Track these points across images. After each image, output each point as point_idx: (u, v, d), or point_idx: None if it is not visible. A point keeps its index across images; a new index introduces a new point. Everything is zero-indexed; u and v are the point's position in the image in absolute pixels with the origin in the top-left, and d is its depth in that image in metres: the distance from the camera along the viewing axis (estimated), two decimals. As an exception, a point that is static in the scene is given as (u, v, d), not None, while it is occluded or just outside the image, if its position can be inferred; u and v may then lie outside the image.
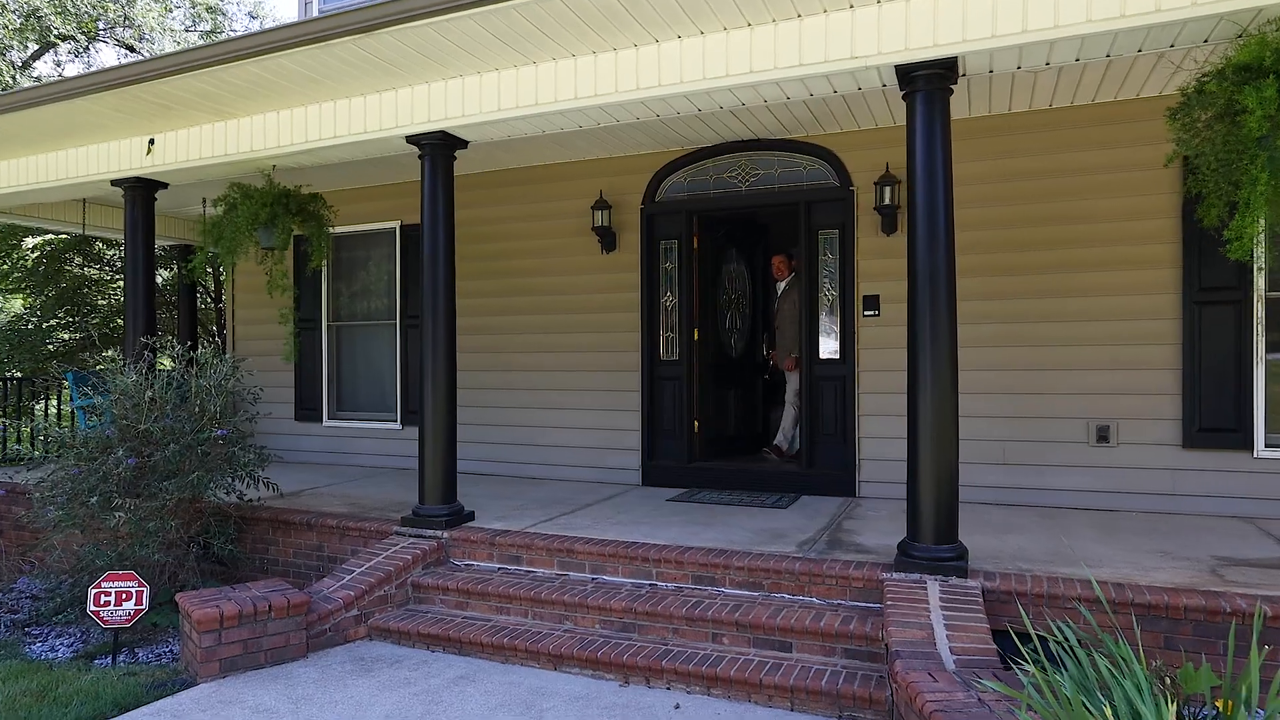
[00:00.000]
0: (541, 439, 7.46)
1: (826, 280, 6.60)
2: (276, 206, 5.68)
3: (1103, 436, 5.75)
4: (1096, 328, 5.76)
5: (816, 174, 6.56)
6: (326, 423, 8.53)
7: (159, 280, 12.47)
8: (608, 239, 7.15)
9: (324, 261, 6.25)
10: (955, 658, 3.40)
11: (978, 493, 5.90)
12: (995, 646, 3.51)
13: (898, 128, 6.21)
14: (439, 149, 5.38)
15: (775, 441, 7.33)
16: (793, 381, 7.20)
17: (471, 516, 5.56)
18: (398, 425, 8.11)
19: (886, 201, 6.14)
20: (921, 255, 4.19)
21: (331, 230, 6.49)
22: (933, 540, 4.17)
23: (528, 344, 7.54)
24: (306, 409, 8.64)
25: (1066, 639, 3.00)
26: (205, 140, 6.03)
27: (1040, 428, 5.88)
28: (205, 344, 12.99)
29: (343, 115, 5.55)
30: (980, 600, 3.85)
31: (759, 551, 4.63)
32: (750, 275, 7.90)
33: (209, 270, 11.89)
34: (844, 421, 6.48)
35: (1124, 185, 5.68)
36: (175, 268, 10.75)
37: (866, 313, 6.38)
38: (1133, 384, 5.68)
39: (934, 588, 3.98)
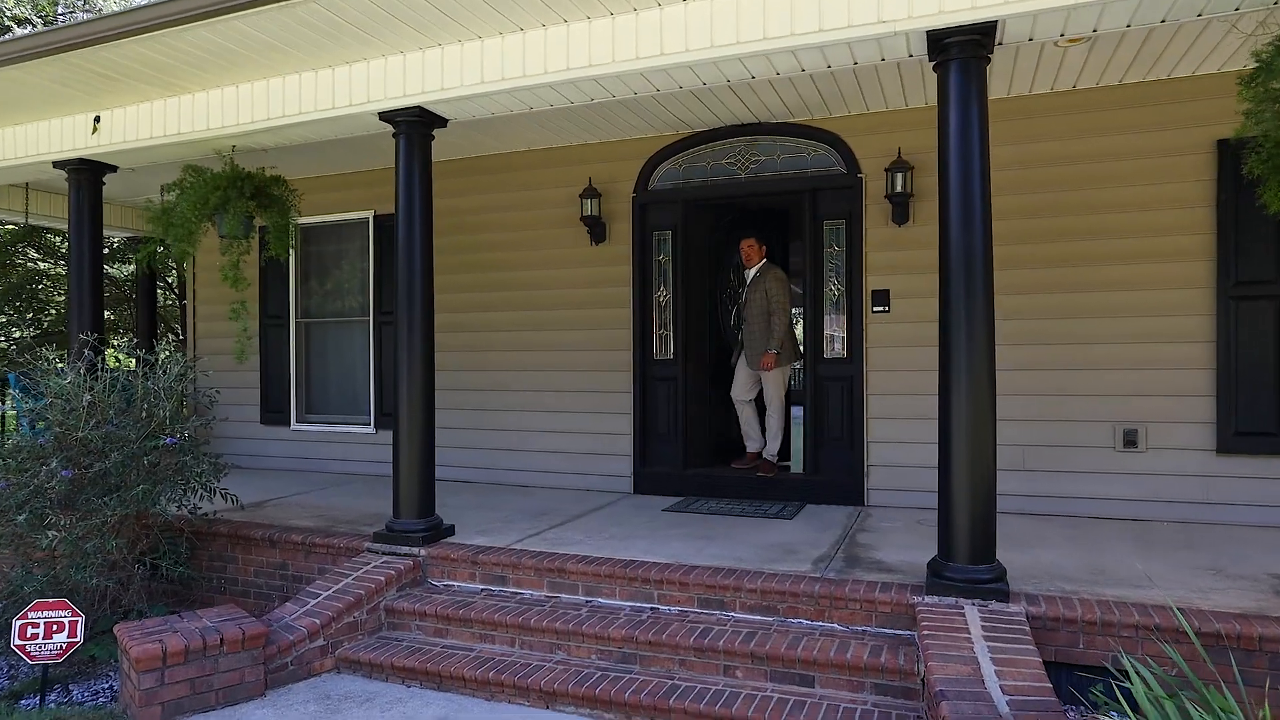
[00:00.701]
0: (527, 444, 6.97)
1: (832, 274, 6.17)
2: (230, 190, 5.12)
3: (1130, 441, 5.37)
4: (1123, 324, 5.38)
5: (821, 160, 6.13)
6: (294, 426, 7.98)
7: (118, 274, 11.82)
8: (597, 230, 6.68)
9: (286, 251, 5.70)
10: (1008, 699, 2.97)
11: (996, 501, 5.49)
12: (1051, 685, 3.09)
13: (910, 110, 5.81)
14: (415, 127, 4.89)
15: (764, 454, 6.46)
16: (773, 382, 6.34)
17: (451, 531, 5.07)
18: (371, 429, 7.58)
19: (898, 189, 5.72)
20: (955, 242, 3.77)
21: (298, 219, 5.93)
22: (968, 559, 3.74)
23: (511, 342, 7.05)
24: (273, 411, 8.08)
25: (1145, 680, 2.59)
26: (156, 118, 5.49)
27: (1063, 431, 5.49)
28: (167, 342, 12.36)
29: (308, 89, 5.03)
30: (1027, 629, 3.43)
31: (772, 571, 4.18)
32: (748, 269, 7.45)
33: (171, 264, 11.26)
34: (851, 425, 6.06)
35: (1153, 172, 5.30)
36: (134, 261, 10.11)
37: (876, 308, 5.96)
38: (1162, 385, 5.31)
39: (973, 614, 3.56)
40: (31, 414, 4.48)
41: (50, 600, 3.95)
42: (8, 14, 14.63)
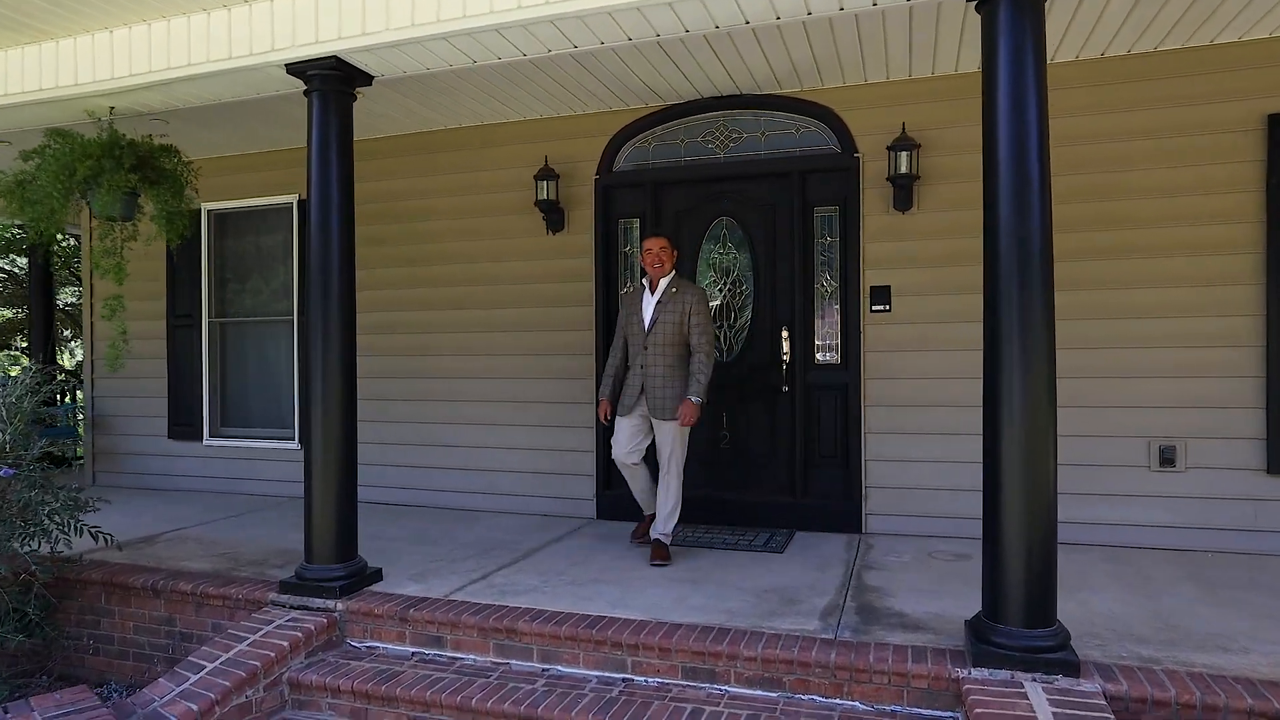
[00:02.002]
0: (474, 462, 6.08)
1: (824, 268, 5.41)
2: (105, 159, 4.15)
3: (1167, 459, 4.70)
4: (1158, 326, 4.71)
5: (811, 138, 5.37)
6: (208, 440, 6.96)
7: (12, 270, 10.59)
8: (555, 217, 5.82)
9: (179, 238, 4.70)
10: (1113, 829, 2.21)
11: (1057, 545, 4.78)
12: (1163, 803, 2.34)
13: (916, 80, 5.08)
14: (332, 83, 3.99)
15: (655, 534, 4.59)
16: (675, 437, 4.51)
17: (378, 575, 4.17)
18: (295, 444, 6.60)
19: (902, 170, 4.98)
20: (1006, 222, 3.02)
21: (196, 199, 4.99)
22: (1023, 621, 2.98)
23: (457, 345, 6.15)
24: (182, 425, 7.05)
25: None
26: (12, 70, 4.48)
27: (1091, 448, 4.80)
28: (67, 347, 11.16)
29: (199, 35, 4.09)
30: (1111, 717, 2.67)
31: (773, 630, 3.38)
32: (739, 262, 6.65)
33: (78, 257, 10.07)
34: (845, 441, 5.30)
35: (1192, 152, 4.64)
36: (28, 253, 8.95)
37: (874, 307, 5.21)
38: (1204, 395, 4.65)
39: (1038, 696, 2.79)
40: None
41: None
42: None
